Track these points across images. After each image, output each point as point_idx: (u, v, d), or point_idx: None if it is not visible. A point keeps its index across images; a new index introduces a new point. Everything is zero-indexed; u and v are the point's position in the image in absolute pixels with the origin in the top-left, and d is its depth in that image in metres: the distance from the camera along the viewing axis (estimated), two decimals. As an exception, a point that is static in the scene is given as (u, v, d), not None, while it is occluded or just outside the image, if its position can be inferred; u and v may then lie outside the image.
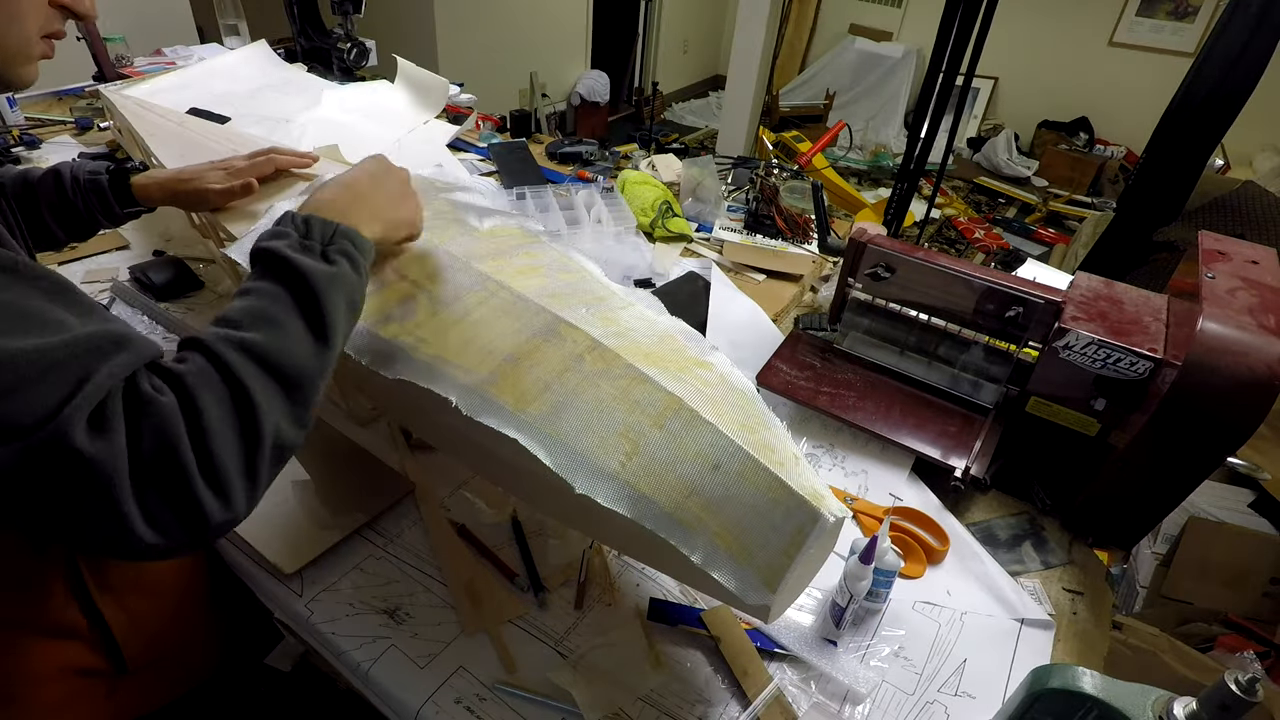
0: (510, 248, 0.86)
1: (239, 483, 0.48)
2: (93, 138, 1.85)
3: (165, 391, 0.47)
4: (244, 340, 0.50)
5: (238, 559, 0.86)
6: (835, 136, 3.06)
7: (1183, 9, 4.52)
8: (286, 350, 0.51)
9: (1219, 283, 0.84)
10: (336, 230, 0.60)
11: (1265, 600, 1.47)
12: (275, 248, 0.55)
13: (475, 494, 0.96)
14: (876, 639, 0.83)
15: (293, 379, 0.51)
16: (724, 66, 4.88)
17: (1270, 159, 4.03)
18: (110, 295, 1.26)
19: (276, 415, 0.50)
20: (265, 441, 0.49)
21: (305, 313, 0.54)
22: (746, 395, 0.69)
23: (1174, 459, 0.84)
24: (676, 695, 0.75)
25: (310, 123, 1.57)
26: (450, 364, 0.69)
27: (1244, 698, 0.49)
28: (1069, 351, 0.90)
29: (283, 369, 0.51)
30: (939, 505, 1.00)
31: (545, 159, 2.01)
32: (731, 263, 1.55)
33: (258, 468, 0.49)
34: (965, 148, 5.22)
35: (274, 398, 0.50)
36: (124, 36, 2.24)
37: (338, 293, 0.55)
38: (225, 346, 0.50)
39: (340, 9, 2.07)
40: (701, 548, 0.59)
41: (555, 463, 0.62)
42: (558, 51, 5.05)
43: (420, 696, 0.73)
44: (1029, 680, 0.62)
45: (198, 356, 0.49)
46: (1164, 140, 2.04)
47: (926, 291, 1.10)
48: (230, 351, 0.49)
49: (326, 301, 0.54)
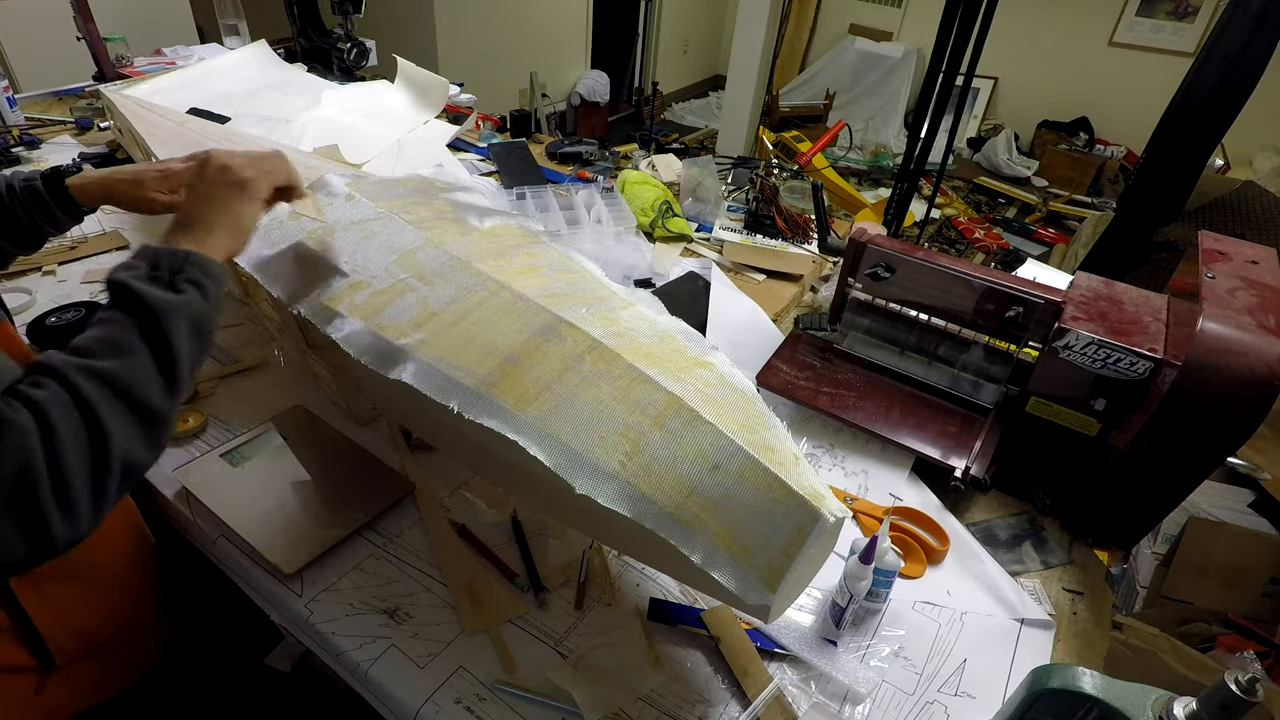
0: (510, 248, 0.86)
1: (86, 504, 0.50)
2: (93, 138, 1.85)
3: (20, 411, 0.48)
4: (93, 368, 0.52)
5: (237, 559, 0.86)
6: (835, 136, 3.06)
7: (1183, 9, 4.52)
8: (135, 377, 0.54)
9: (1219, 283, 0.84)
10: (187, 259, 0.61)
11: (1265, 600, 1.47)
12: (124, 279, 0.58)
13: (475, 494, 0.96)
14: (876, 639, 0.83)
15: (141, 404, 0.54)
16: (724, 66, 4.87)
17: (1270, 159, 4.03)
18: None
19: (127, 439, 0.53)
20: (114, 465, 0.51)
21: (151, 341, 0.56)
22: (746, 395, 0.69)
23: (1174, 459, 0.84)
24: (676, 695, 0.75)
25: (310, 123, 1.57)
26: (450, 364, 0.69)
27: (1244, 698, 0.49)
28: (1069, 351, 0.90)
29: (132, 395, 0.53)
30: (939, 505, 1.00)
31: (545, 159, 2.01)
32: (731, 263, 1.55)
33: (106, 489, 0.51)
34: (965, 148, 5.22)
35: (124, 423, 0.52)
36: (124, 36, 2.24)
37: (181, 321, 0.57)
38: (76, 374, 0.51)
39: (340, 9, 2.07)
40: (701, 548, 0.59)
41: (555, 463, 0.62)
42: (558, 51, 5.05)
43: (420, 696, 0.73)
44: (1029, 680, 0.62)
45: (50, 382, 0.51)
46: (1164, 140, 2.04)
47: (926, 291, 1.10)
48: (81, 379, 0.51)
49: (171, 330, 0.56)
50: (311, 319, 0.78)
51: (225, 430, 1.02)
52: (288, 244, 0.86)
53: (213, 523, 0.89)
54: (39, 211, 0.81)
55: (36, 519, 0.48)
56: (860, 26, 5.82)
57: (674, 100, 6.19)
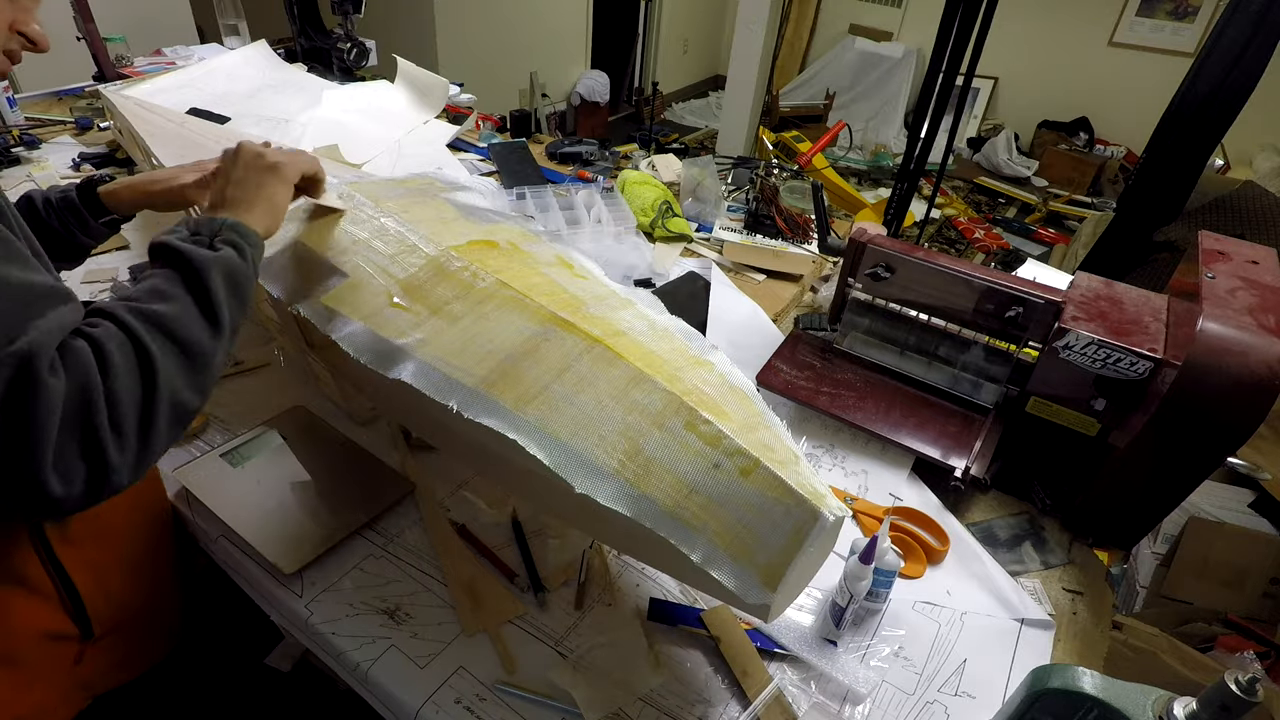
0: (510, 247, 0.86)
1: (134, 436, 0.53)
2: (93, 138, 1.85)
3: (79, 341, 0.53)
4: (142, 309, 0.57)
5: (238, 559, 0.86)
6: (835, 136, 3.06)
7: (1183, 9, 4.52)
8: (180, 319, 0.58)
9: (1219, 283, 0.84)
10: (223, 224, 0.66)
11: (1265, 600, 1.47)
12: (165, 240, 0.63)
13: (475, 494, 0.96)
14: (876, 639, 0.83)
15: (186, 345, 0.58)
16: (724, 66, 4.87)
17: (1270, 159, 4.03)
18: (111, 295, 1.26)
19: (174, 377, 0.56)
20: (162, 399, 0.55)
21: (193, 290, 0.61)
22: (746, 394, 0.69)
23: (1174, 459, 0.84)
24: (676, 695, 0.75)
25: (310, 123, 1.57)
26: (450, 364, 0.69)
27: (1244, 698, 0.49)
28: (1069, 351, 0.90)
29: (177, 336, 0.57)
30: (939, 505, 1.00)
31: (545, 159, 2.01)
32: (731, 263, 1.55)
33: (154, 423, 0.54)
34: (965, 148, 5.21)
35: (171, 360, 0.57)
36: (124, 36, 2.24)
37: (218, 273, 0.62)
38: (127, 313, 0.56)
39: (340, 9, 2.07)
40: (701, 547, 0.59)
41: (554, 462, 0.62)
42: (558, 51, 5.05)
43: (420, 697, 0.73)
44: (1029, 680, 0.62)
45: (104, 321, 0.56)
46: (1164, 140, 2.04)
47: (926, 291, 1.10)
48: (131, 317, 0.56)
49: (210, 280, 0.61)
50: (311, 319, 0.78)
51: (225, 430, 1.02)
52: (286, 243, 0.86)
53: (213, 523, 0.89)
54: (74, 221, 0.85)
55: (95, 444, 0.50)
56: (860, 26, 5.82)
57: (674, 100, 6.19)
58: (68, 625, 0.75)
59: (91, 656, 0.79)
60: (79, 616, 0.76)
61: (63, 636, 0.76)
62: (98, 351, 0.53)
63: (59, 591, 0.74)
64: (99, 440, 0.51)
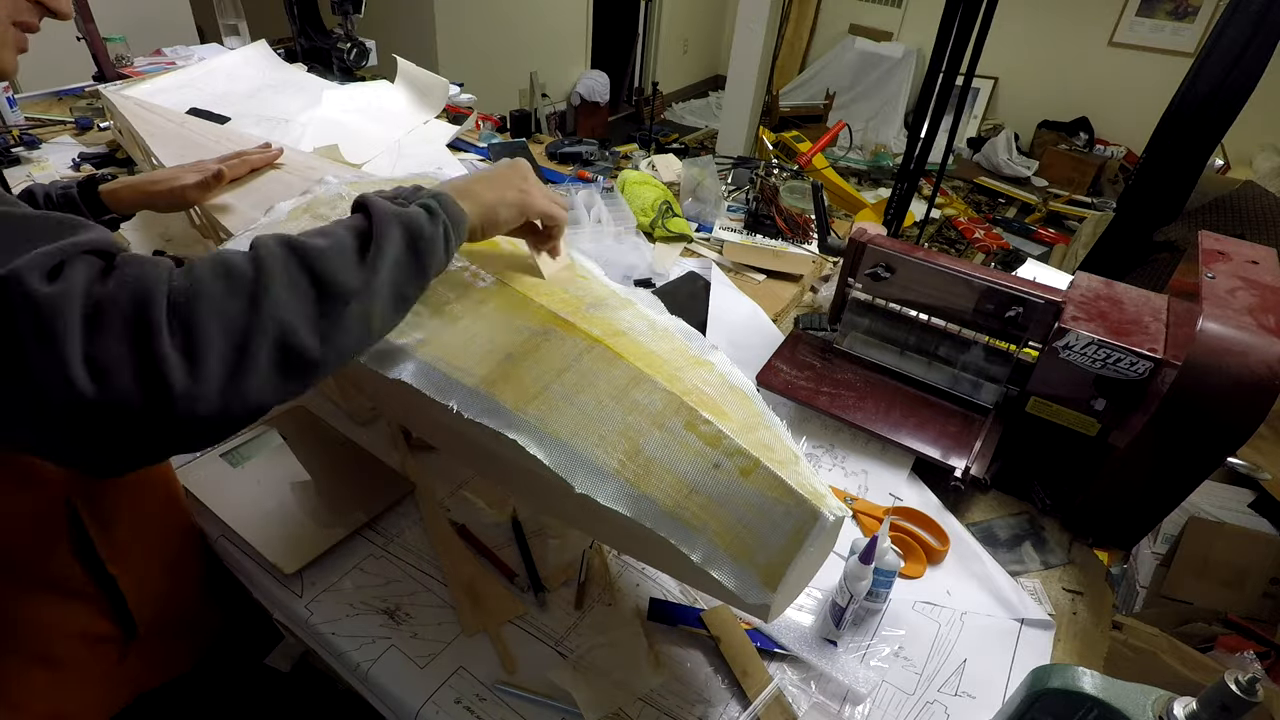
0: (509, 247, 0.86)
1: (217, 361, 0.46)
2: (93, 138, 1.85)
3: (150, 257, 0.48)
4: (293, 239, 0.53)
5: (238, 559, 0.86)
6: (835, 136, 3.06)
7: (1183, 9, 4.52)
8: (326, 256, 0.53)
9: (1219, 283, 0.84)
10: (429, 193, 0.64)
11: (1265, 600, 1.47)
12: (366, 197, 0.61)
13: (475, 494, 0.96)
14: (876, 639, 0.83)
15: (322, 282, 0.52)
16: (724, 66, 4.87)
17: (1270, 159, 4.03)
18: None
19: (289, 309, 0.49)
20: (264, 326, 0.48)
21: (359, 235, 0.57)
22: (746, 394, 0.69)
23: (1174, 459, 0.84)
24: (676, 695, 0.75)
25: (310, 123, 1.57)
26: (450, 364, 0.69)
27: (1244, 698, 0.49)
28: (1069, 351, 0.90)
29: (315, 269, 0.52)
30: (939, 505, 1.00)
31: (545, 159, 2.01)
32: (731, 263, 1.55)
33: (247, 348, 0.47)
34: (965, 148, 5.22)
35: (292, 292, 0.50)
36: (124, 36, 2.24)
37: (396, 226, 0.58)
38: (274, 240, 0.52)
39: (340, 9, 2.07)
40: (701, 547, 0.59)
41: (554, 462, 0.62)
42: (558, 51, 5.05)
43: (420, 697, 0.73)
44: (1029, 680, 0.62)
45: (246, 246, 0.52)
46: (1164, 140, 2.04)
47: (926, 291, 1.10)
48: (274, 243, 0.52)
49: (383, 228, 0.57)
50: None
51: (225, 430, 1.02)
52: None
53: (213, 523, 0.89)
54: None
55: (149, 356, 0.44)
56: (860, 26, 5.83)
57: (674, 100, 6.20)
58: (109, 627, 0.76)
59: (135, 654, 0.79)
60: (122, 618, 0.76)
61: (105, 638, 0.76)
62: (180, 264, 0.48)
63: (101, 594, 0.74)
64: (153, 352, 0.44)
